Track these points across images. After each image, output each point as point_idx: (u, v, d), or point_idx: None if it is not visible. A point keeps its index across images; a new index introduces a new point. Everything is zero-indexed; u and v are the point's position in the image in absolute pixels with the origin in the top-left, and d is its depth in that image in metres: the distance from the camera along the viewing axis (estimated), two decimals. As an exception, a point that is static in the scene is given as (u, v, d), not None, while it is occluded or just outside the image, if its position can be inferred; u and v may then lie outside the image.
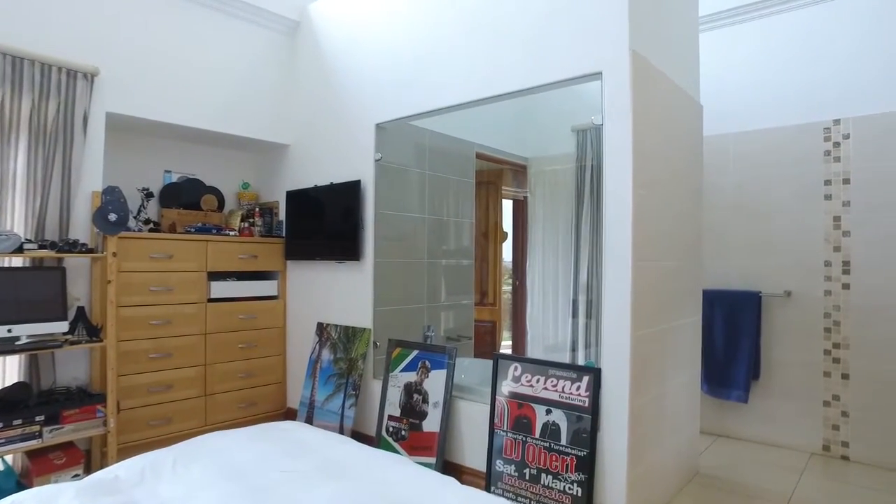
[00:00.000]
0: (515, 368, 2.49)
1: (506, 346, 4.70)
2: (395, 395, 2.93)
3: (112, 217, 2.71)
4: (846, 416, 3.11)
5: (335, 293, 3.47)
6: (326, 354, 3.37)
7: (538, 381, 2.39)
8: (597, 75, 2.28)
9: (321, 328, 3.48)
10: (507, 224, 4.72)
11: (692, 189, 2.87)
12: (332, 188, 3.41)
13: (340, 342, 3.32)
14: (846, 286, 3.12)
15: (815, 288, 3.22)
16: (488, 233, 4.59)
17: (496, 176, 4.52)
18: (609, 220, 2.24)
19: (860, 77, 3.10)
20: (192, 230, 3.44)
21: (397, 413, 2.89)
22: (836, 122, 3.16)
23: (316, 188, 3.54)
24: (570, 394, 2.28)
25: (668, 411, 2.55)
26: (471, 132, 3.76)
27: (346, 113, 3.44)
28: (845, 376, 3.11)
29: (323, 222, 3.51)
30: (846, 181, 3.14)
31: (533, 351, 3.89)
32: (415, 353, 2.91)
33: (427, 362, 2.83)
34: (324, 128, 3.62)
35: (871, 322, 3.04)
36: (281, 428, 2.06)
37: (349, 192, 3.28)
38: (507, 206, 4.73)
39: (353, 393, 3.13)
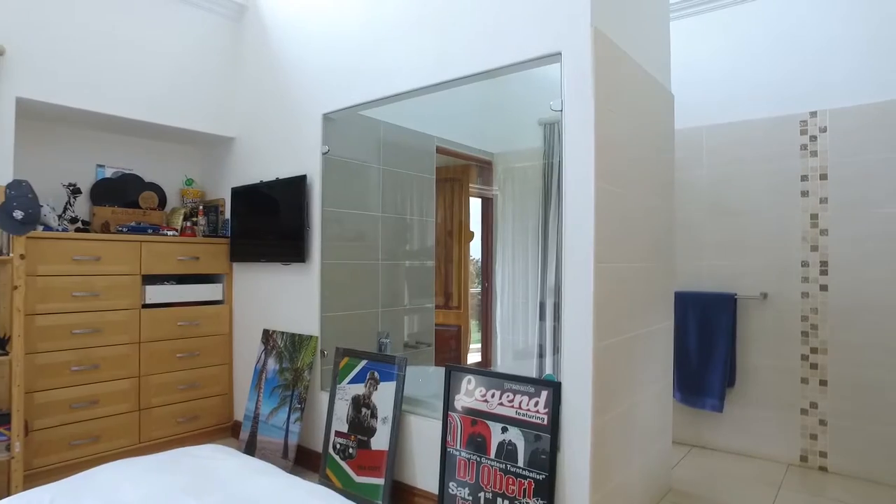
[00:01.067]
0: (469, 381, 2.25)
1: (475, 350, 4.48)
2: (342, 409, 2.67)
3: (18, 214, 2.41)
4: (824, 425, 2.94)
5: (282, 297, 3.19)
6: (272, 364, 3.10)
7: (493, 395, 2.16)
8: (556, 56, 2.05)
9: (267, 335, 3.20)
10: (476, 223, 4.50)
11: (663, 184, 2.66)
12: (278, 184, 3.14)
13: (286, 351, 3.05)
14: (824, 287, 2.96)
15: (792, 290, 3.04)
16: (454, 232, 4.35)
17: (462, 172, 4.29)
18: (569, 217, 2.01)
19: (838, 67, 2.93)
20: (125, 230, 3.14)
21: (345, 429, 2.63)
22: (813, 114, 2.99)
23: (262, 184, 3.26)
24: (528, 410, 2.05)
25: (637, 426, 2.34)
26: (430, 125, 3.51)
27: (292, 103, 3.17)
28: (823, 383, 2.94)
29: (269, 221, 3.23)
30: (823, 176, 2.97)
31: (502, 355, 3.66)
32: (363, 363, 2.65)
33: (376, 373, 2.58)
34: (270, 119, 3.34)
35: (849, 325, 2.87)
36: (193, 455, 1.79)
37: (294, 189, 3.01)
38: (476, 204, 4.50)
39: (299, 406, 2.87)
